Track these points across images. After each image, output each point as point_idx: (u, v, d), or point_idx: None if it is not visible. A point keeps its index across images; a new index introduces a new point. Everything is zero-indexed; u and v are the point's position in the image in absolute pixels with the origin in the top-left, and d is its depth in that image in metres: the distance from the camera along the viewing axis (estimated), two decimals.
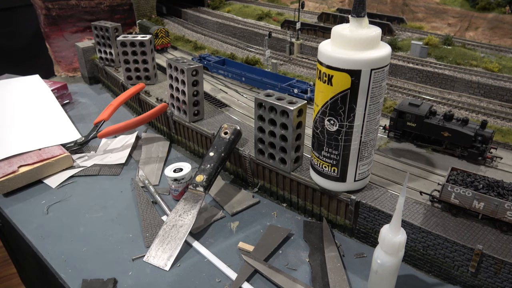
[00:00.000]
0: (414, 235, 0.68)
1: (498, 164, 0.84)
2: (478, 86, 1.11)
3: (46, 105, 1.27)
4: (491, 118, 1.00)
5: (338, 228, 0.80)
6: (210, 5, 2.08)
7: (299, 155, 0.83)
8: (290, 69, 1.38)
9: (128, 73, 1.27)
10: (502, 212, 0.63)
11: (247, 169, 0.92)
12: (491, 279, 0.63)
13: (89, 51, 1.53)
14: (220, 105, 1.13)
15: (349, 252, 0.75)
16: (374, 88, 0.64)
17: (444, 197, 0.68)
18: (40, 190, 0.95)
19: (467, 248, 0.63)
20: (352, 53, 0.61)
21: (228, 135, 0.88)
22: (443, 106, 1.07)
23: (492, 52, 1.29)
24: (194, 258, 0.74)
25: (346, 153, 0.69)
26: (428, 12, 1.59)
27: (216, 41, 1.72)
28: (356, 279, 0.69)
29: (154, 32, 1.54)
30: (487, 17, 1.43)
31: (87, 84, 1.58)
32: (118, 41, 1.21)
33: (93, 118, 1.22)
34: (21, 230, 0.83)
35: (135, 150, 1.11)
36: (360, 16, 0.62)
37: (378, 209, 0.71)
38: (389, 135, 0.95)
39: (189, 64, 0.97)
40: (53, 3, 1.60)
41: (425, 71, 1.20)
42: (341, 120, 0.66)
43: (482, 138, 0.83)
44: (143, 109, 1.24)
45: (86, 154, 1.09)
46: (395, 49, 1.35)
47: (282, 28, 1.66)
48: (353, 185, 0.74)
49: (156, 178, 0.98)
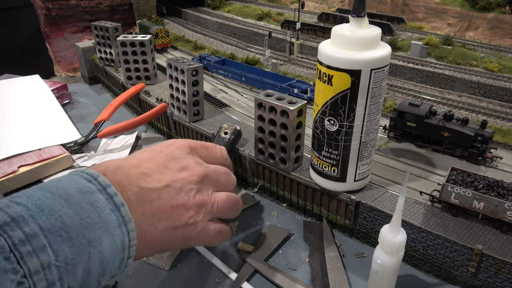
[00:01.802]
0: (414, 235, 0.68)
1: (498, 164, 0.84)
2: (478, 86, 1.11)
3: (46, 105, 1.27)
4: (491, 118, 1.00)
5: (338, 228, 0.80)
6: (210, 5, 2.08)
7: (299, 155, 0.83)
8: (290, 69, 1.38)
9: (128, 73, 1.27)
10: (502, 212, 0.63)
11: (247, 169, 0.92)
12: (491, 279, 0.63)
13: (89, 51, 1.53)
14: (220, 105, 1.13)
15: (349, 252, 0.75)
16: (374, 88, 0.64)
17: (444, 197, 0.68)
18: None
19: (467, 248, 0.63)
20: (352, 53, 0.61)
21: (228, 135, 0.88)
22: (443, 106, 1.07)
23: (492, 52, 1.29)
24: (194, 258, 0.74)
25: (346, 153, 0.69)
26: (428, 12, 1.59)
27: (216, 41, 1.72)
28: (356, 279, 0.69)
29: (154, 32, 1.54)
30: (487, 17, 1.43)
31: (87, 84, 1.58)
32: (118, 41, 1.21)
33: (93, 118, 1.22)
34: None
35: (135, 150, 1.11)
36: (360, 16, 0.62)
37: (378, 209, 0.71)
38: (389, 135, 0.95)
39: (189, 64, 0.97)
40: (53, 3, 1.60)
41: (425, 71, 1.20)
42: (341, 120, 0.66)
43: (482, 138, 0.83)
44: (143, 109, 1.24)
45: (86, 154, 1.09)
46: (395, 49, 1.35)
47: (282, 28, 1.67)
48: (353, 185, 0.74)
49: None
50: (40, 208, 0.40)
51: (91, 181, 0.46)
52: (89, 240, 0.42)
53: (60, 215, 0.40)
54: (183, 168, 0.57)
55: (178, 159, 0.58)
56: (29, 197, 0.41)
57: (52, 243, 0.38)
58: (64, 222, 0.40)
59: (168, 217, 0.52)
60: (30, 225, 0.38)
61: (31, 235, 0.37)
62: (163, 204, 0.52)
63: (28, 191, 0.43)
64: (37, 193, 0.42)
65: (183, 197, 0.54)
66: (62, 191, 0.43)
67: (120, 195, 0.47)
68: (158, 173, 0.54)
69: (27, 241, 0.37)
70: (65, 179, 0.46)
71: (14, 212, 0.38)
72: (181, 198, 0.54)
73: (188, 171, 0.57)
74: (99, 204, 0.44)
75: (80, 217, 0.42)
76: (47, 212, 0.40)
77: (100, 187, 0.46)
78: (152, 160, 0.56)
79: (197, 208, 0.55)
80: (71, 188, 0.44)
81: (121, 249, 0.46)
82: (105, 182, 0.47)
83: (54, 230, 0.39)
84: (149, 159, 0.56)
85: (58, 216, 0.40)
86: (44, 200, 0.41)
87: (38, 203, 0.40)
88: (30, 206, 0.40)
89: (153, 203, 0.51)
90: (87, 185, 0.45)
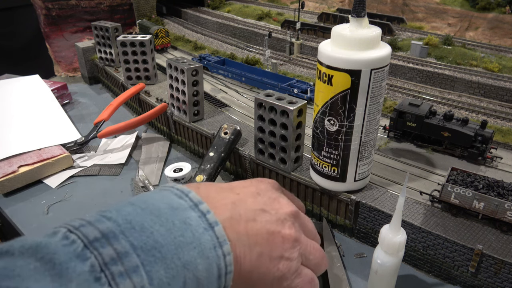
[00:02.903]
0: (414, 235, 0.68)
1: (498, 164, 0.84)
2: (478, 86, 1.11)
3: (46, 105, 1.27)
4: (491, 118, 1.00)
5: (338, 228, 0.80)
6: (210, 5, 2.08)
7: (299, 155, 0.83)
8: (290, 69, 1.38)
9: (128, 73, 1.27)
10: (502, 212, 0.63)
11: (247, 169, 0.92)
12: (491, 279, 0.63)
13: (89, 51, 1.53)
14: (220, 105, 1.13)
15: (349, 252, 0.75)
16: (374, 88, 0.64)
17: (444, 197, 0.68)
18: (40, 190, 0.95)
19: (467, 248, 0.63)
20: (352, 53, 0.61)
21: (228, 135, 0.88)
22: (443, 106, 1.07)
23: (492, 52, 1.29)
24: None
25: (346, 153, 0.69)
26: (428, 12, 1.59)
27: (216, 41, 1.72)
28: (356, 279, 0.69)
29: (154, 32, 1.54)
30: (487, 17, 1.43)
31: (87, 84, 1.58)
32: (118, 41, 1.21)
33: (93, 118, 1.22)
34: (21, 230, 0.83)
35: (135, 150, 1.11)
36: (360, 16, 0.62)
37: (378, 209, 0.71)
38: (389, 135, 0.95)
39: (189, 64, 0.97)
40: (53, 3, 1.60)
41: (425, 71, 1.20)
42: (341, 120, 0.66)
43: (482, 138, 0.83)
44: (143, 109, 1.24)
45: (86, 154, 1.09)
46: (395, 49, 1.35)
47: (282, 28, 1.66)
48: (353, 185, 0.74)
49: (156, 178, 0.98)
50: (131, 224, 0.36)
51: (182, 197, 0.42)
52: (184, 263, 0.37)
53: (152, 232, 0.36)
54: (275, 199, 0.52)
55: (269, 191, 0.53)
56: (119, 212, 0.37)
57: (145, 263, 0.34)
58: (156, 241, 0.36)
59: (264, 242, 0.46)
60: (122, 243, 0.34)
61: (123, 254, 0.34)
62: (259, 227, 0.47)
63: (118, 205, 0.39)
64: (127, 207, 0.38)
65: (279, 225, 0.49)
66: (152, 206, 0.39)
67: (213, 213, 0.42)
68: (251, 197, 0.49)
69: (119, 260, 0.33)
70: (154, 194, 0.42)
71: (105, 227, 0.35)
72: (277, 226, 0.48)
73: (280, 203, 0.52)
74: (192, 222, 0.40)
75: (173, 235, 0.38)
76: (139, 228, 0.36)
77: (192, 203, 0.42)
78: (242, 187, 0.51)
79: (292, 243, 0.49)
80: (161, 203, 0.40)
81: (217, 276, 0.40)
82: (197, 198, 0.43)
83: (147, 249, 0.35)
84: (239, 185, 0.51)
85: (150, 233, 0.36)
86: (135, 216, 0.37)
87: (128, 219, 0.37)
88: (121, 221, 0.36)
89: (249, 223, 0.46)
90: (178, 201, 0.41)
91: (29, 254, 0.31)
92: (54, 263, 0.31)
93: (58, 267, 0.31)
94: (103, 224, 0.35)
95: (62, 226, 0.35)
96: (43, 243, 0.32)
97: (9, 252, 0.32)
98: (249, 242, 0.45)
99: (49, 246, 0.32)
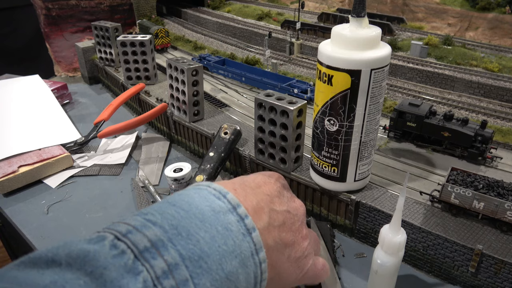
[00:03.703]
0: (414, 235, 0.68)
1: (498, 164, 0.84)
2: (478, 86, 1.11)
3: (46, 105, 1.27)
4: (491, 118, 1.00)
5: (338, 228, 0.80)
6: (210, 5, 2.08)
7: (299, 155, 0.83)
8: (290, 69, 1.38)
9: (128, 73, 1.27)
10: (502, 212, 0.63)
11: (247, 169, 0.92)
12: (491, 279, 0.63)
13: (89, 51, 1.53)
14: (220, 105, 1.13)
15: (349, 252, 0.75)
16: (374, 88, 0.64)
17: (444, 197, 0.68)
18: (40, 190, 0.95)
19: (467, 248, 0.63)
20: (352, 53, 0.61)
21: (228, 135, 0.88)
22: (443, 106, 1.07)
23: (492, 52, 1.29)
24: None
25: (346, 153, 0.69)
26: (428, 12, 1.59)
27: (216, 41, 1.72)
28: (356, 279, 0.69)
29: (154, 32, 1.54)
30: (487, 17, 1.43)
31: (87, 84, 1.58)
32: (118, 41, 1.21)
33: (93, 118, 1.22)
34: (21, 230, 0.83)
35: (135, 150, 1.11)
36: (360, 16, 0.62)
37: (378, 209, 0.71)
38: (389, 135, 0.95)
39: (189, 64, 0.97)
40: (53, 3, 1.60)
41: (425, 71, 1.20)
42: (341, 120, 0.66)
43: (482, 138, 0.83)
44: (143, 109, 1.24)
45: (86, 154, 1.09)
46: (395, 49, 1.35)
47: (282, 28, 1.66)
48: (353, 185, 0.74)
49: (156, 178, 0.98)
50: (177, 230, 0.34)
51: (220, 199, 0.39)
52: (227, 273, 0.35)
53: (198, 240, 0.34)
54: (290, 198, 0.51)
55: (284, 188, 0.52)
56: (163, 215, 0.35)
57: (193, 275, 0.32)
58: (202, 250, 0.34)
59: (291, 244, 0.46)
60: (171, 252, 0.32)
61: (173, 266, 0.31)
62: (287, 229, 0.46)
63: (160, 207, 0.36)
64: (170, 210, 0.36)
65: (300, 225, 0.49)
66: (195, 209, 0.37)
67: (251, 218, 0.40)
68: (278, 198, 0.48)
69: (170, 273, 0.31)
70: (193, 193, 0.39)
71: (153, 234, 0.32)
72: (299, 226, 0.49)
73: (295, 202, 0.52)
74: (233, 227, 0.37)
75: (217, 244, 0.35)
76: (185, 235, 0.33)
77: (230, 206, 0.39)
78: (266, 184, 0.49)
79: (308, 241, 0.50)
80: (203, 206, 0.37)
81: (253, 284, 0.38)
82: (235, 201, 0.40)
83: (194, 259, 0.33)
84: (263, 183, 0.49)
85: (196, 241, 0.34)
86: (180, 220, 0.34)
87: (174, 224, 0.34)
88: (167, 227, 0.33)
89: (280, 227, 0.45)
90: (218, 203, 0.39)
91: (77, 266, 0.29)
92: (105, 280, 0.28)
93: (110, 285, 0.28)
94: (151, 231, 0.32)
95: (107, 231, 0.33)
96: (91, 253, 0.30)
97: (56, 262, 0.29)
98: (282, 246, 0.45)
99: (98, 259, 0.29)
